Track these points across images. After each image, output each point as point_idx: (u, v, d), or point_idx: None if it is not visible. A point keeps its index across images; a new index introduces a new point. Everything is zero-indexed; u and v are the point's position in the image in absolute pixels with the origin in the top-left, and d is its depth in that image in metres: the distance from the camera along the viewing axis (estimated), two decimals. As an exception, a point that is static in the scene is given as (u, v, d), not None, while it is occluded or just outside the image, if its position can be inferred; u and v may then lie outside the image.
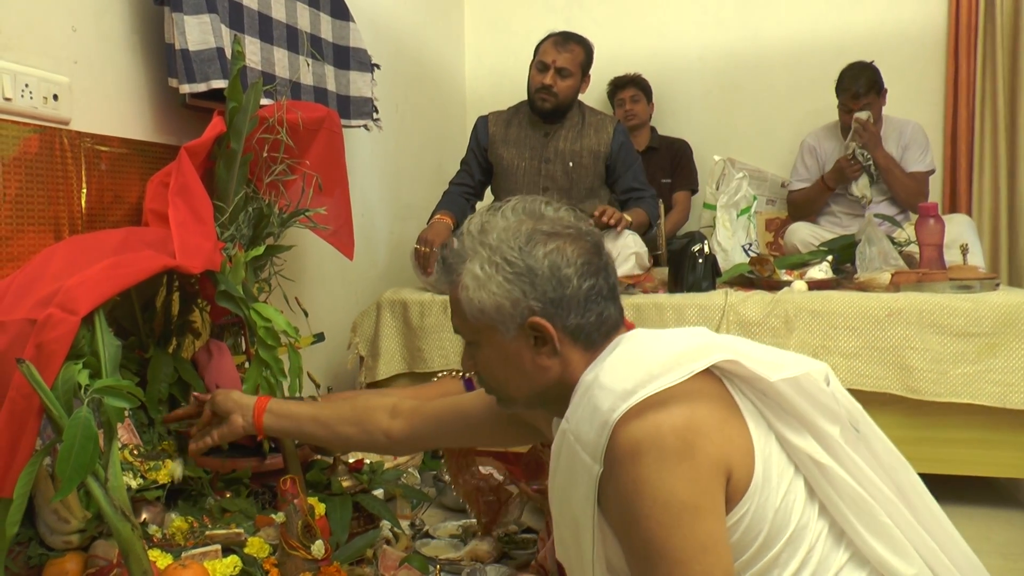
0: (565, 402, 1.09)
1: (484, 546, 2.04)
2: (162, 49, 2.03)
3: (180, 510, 1.65)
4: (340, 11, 2.63)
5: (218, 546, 1.51)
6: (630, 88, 3.93)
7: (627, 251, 2.73)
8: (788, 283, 2.77)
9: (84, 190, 1.84)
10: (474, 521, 2.14)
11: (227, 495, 1.75)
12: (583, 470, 1.00)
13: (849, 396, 1.09)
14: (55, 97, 1.75)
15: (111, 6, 1.94)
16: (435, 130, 3.98)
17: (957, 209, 3.77)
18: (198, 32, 1.97)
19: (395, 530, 2.01)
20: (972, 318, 2.39)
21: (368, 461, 2.06)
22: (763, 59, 4.08)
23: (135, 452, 1.64)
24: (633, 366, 1.01)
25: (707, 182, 3.93)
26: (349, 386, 2.96)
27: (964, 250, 2.75)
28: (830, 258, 2.95)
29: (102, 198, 1.89)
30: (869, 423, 1.10)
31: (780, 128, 4.03)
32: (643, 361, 1.01)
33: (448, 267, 1.15)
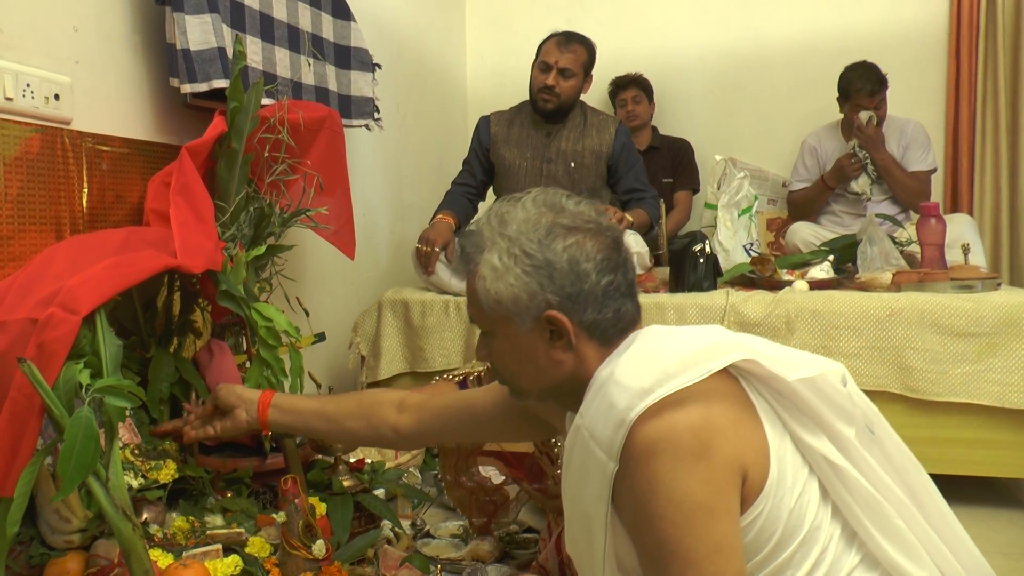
0: (578, 396, 1.08)
1: (485, 546, 2.04)
2: (163, 49, 2.03)
3: (181, 510, 1.65)
4: (341, 11, 2.63)
5: (219, 546, 1.52)
6: (632, 88, 3.93)
7: (628, 251, 2.72)
8: (789, 283, 2.77)
9: (85, 190, 1.84)
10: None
11: (228, 495, 1.75)
12: (597, 467, 1.00)
13: (865, 398, 1.09)
14: (56, 97, 1.75)
15: (112, 6, 1.94)
16: (436, 130, 3.98)
17: (959, 208, 3.77)
18: (199, 32, 1.97)
19: (396, 530, 2.01)
20: (973, 318, 2.39)
21: (369, 461, 2.06)
22: (764, 59, 4.08)
23: (136, 451, 1.64)
24: (650, 364, 1.01)
25: (708, 182, 3.94)
26: (350, 386, 2.96)
27: (966, 250, 2.75)
28: (831, 258, 2.95)
29: (103, 198, 1.89)
30: (884, 425, 1.10)
31: (781, 128, 4.03)
32: (660, 359, 1.01)
33: (466, 256, 1.14)
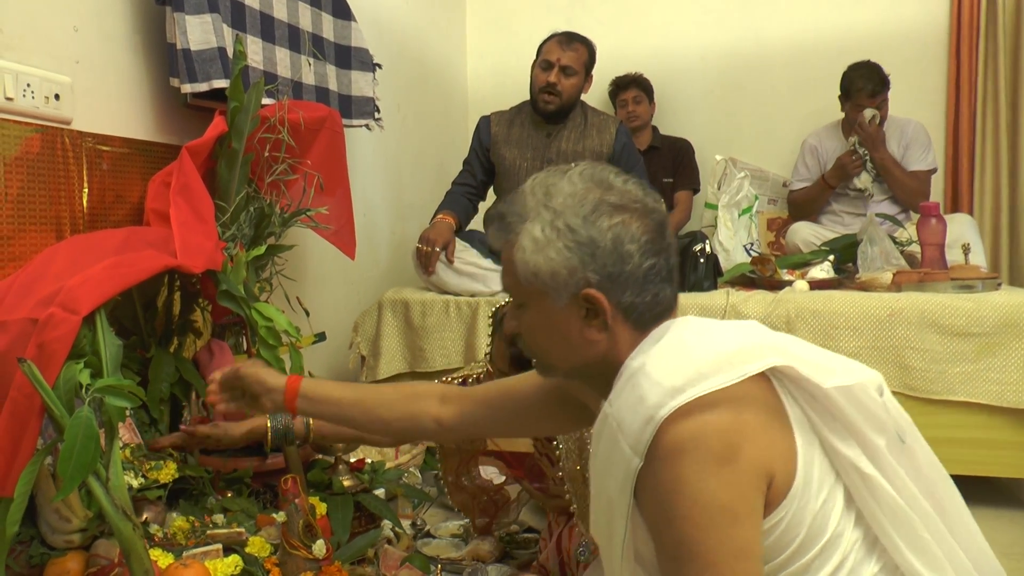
0: (606, 380, 1.07)
1: (485, 546, 2.04)
2: (164, 49, 2.03)
3: (181, 509, 1.65)
4: (342, 10, 2.63)
5: (219, 545, 1.52)
6: (632, 89, 3.93)
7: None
8: (790, 283, 2.77)
9: (86, 190, 1.84)
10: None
11: (228, 494, 1.75)
12: (622, 460, 0.98)
13: (900, 407, 1.07)
14: (57, 97, 1.75)
15: (113, 6, 1.94)
16: (437, 130, 3.98)
17: (959, 208, 3.76)
18: (200, 32, 1.97)
19: (396, 530, 2.01)
20: (974, 318, 2.39)
21: (369, 461, 2.07)
22: (765, 59, 4.08)
23: (136, 451, 1.64)
24: (683, 360, 0.99)
25: (709, 182, 3.94)
26: (350, 385, 2.95)
27: (966, 250, 2.75)
28: (832, 258, 2.95)
29: (104, 198, 1.89)
30: (916, 435, 1.08)
31: (782, 128, 4.03)
32: (694, 357, 0.99)
33: (505, 225, 1.10)
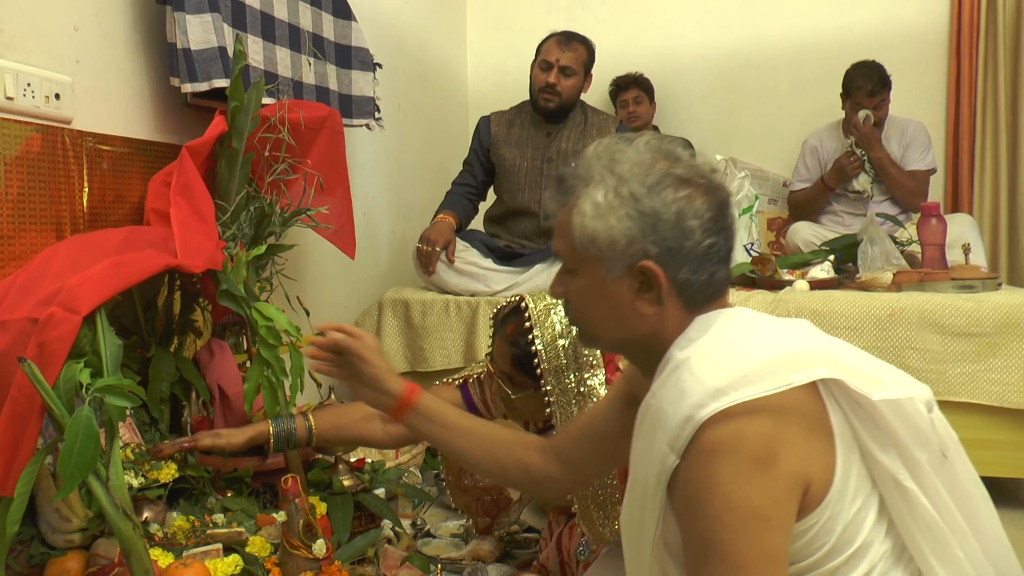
0: (649, 356, 1.06)
1: (485, 545, 2.04)
2: (164, 48, 2.03)
3: (181, 509, 1.65)
4: (342, 10, 2.62)
5: (219, 545, 1.52)
6: (633, 89, 3.93)
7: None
8: (790, 283, 2.77)
9: (86, 189, 1.84)
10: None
11: (229, 494, 1.75)
12: (659, 454, 0.97)
13: (947, 424, 1.04)
14: (57, 96, 1.75)
15: (113, 5, 1.94)
16: (437, 129, 3.98)
17: (959, 208, 3.76)
18: (200, 31, 1.97)
19: (396, 529, 2.01)
20: (974, 318, 2.39)
21: (369, 460, 2.06)
22: (765, 58, 4.08)
23: (137, 451, 1.64)
24: (729, 360, 0.97)
25: (709, 181, 3.93)
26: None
27: (966, 250, 2.75)
28: (832, 258, 2.95)
29: (104, 197, 1.89)
30: (959, 451, 1.05)
31: (782, 127, 4.03)
32: (740, 358, 0.97)
33: (565, 188, 1.08)
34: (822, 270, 2.87)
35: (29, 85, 1.68)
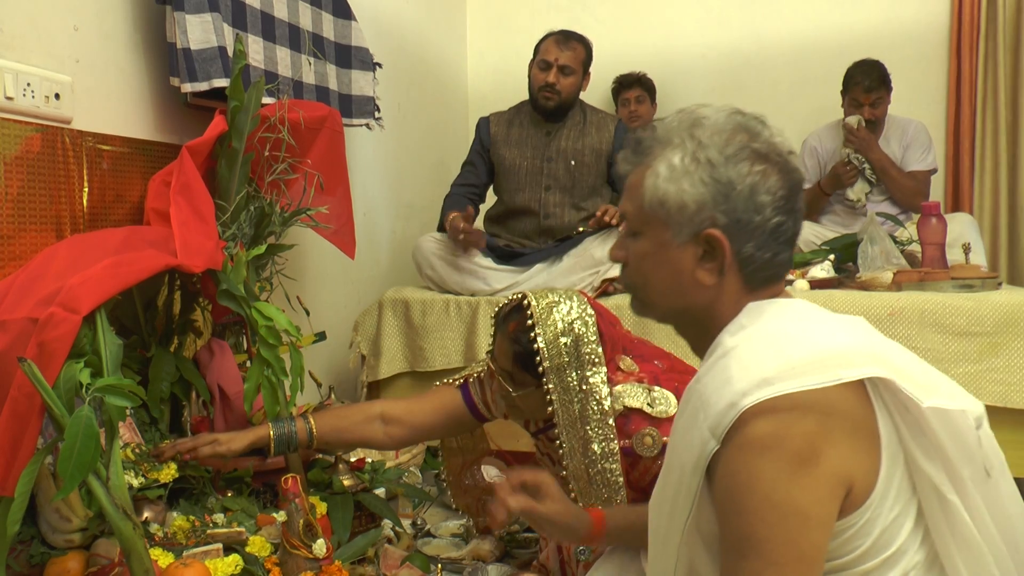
0: (698, 332, 1.06)
1: (486, 545, 2.04)
2: (164, 48, 2.03)
3: (182, 509, 1.65)
4: (342, 10, 2.62)
5: (219, 545, 1.52)
6: (636, 88, 3.93)
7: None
8: (790, 282, 2.77)
9: (86, 189, 1.84)
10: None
11: (229, 494, 1.75)
12: (699, 439, 0.96)
13: (995, 443, 1.01)
14: (57, 96, 1.75)
15: (113, 5, 1.94)
16: (437, 129, 3.98)
17: (960, 208, 3.76)
18: (200, 31, 1.97)
19: (397, 529, 2.01)
20: (974, 317, 2.39)
21: (369, 460, 2.07)
22: (766, 58, 4.08)
23: (137, 451, 1.64)
24: (778, 351, 0.96)
25: (709, 181, 3.93)
26: (351, 385, 2.96)
27: (966, 249, 2.75)
28: (832, 257, 2.95)
29: (104, 197, 1.89)
30: (1003, 470, 1.03)
31: (783, 127, 3.88)
32: (790, 349, 0.96)
33: (642, 148, 1.08)
34: (822, 270, 2.86)
35: (29, 85, 1.68)
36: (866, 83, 3.30)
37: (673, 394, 1.64)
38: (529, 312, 1.67)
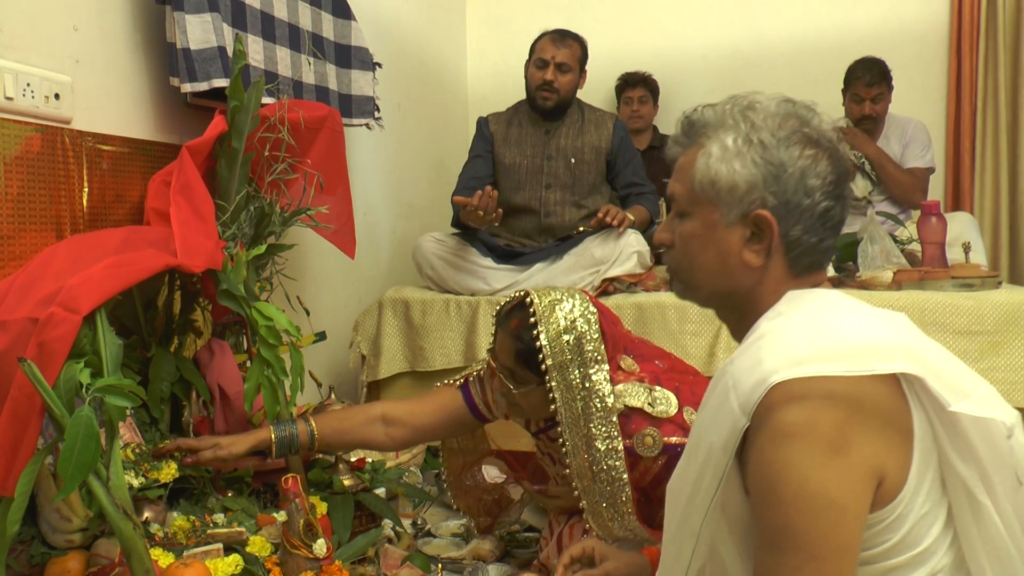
0: (738, 317, 1.07)
1: (486, 545, 2.04)
2: (164, 48, 2.03)
3: (182, 509, 1.65)
4: (342, 10, 2.62)
5: (220, 545, 1.52)
6: (640, 88, 3.92)
7: (629, 249, 2.73)
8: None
9: (86, 189, 1.84)
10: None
11: (229, 494, 1.75)
12: (730, 417, 0.96)
13: None
14: (56, 96, 1.75)
15: (113, 5, 1.94)
16: (437, 129, 3.98)
17: (960, 207, 3.77)
18: (200, 31, 1.97)
19: (397, 529, 2.01)
20: (974, 316, 2.39)
21: (370, 460, 2.07)
22: (766, 58, 4.08)
23: (137, 451, 1.64)
24: (812, 336, 0.96)
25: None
26: (351, 385, 2.96)
27: (966, 248, 2.75)
28: (832, 256, 2.94)
29: (104, 197, 1.89)
30: None
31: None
32: (825, 334, 0.96)
33: (694, 129, 1.09)
34: (822, 269, 2.86)
35: (29, 85, 1.68)
36: (867, 78, 3.31)
37: (674, 394, 1.64)
38: (532, 309, 1.67)
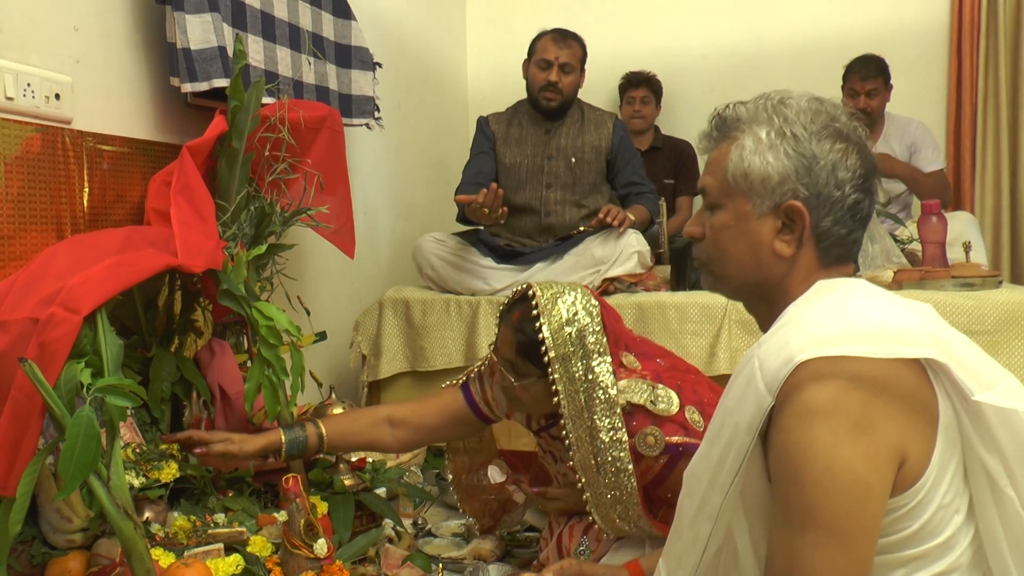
0: (768, 308, 1.09)
1: (486, 545, 2.04)
2: (164, 48, 2.03)
3: (183, 509, 1.65)
4: (342, 9, 2.62)
5: (220, 545, 1.52)
6: (643, 88, 3.92)
7: (630, 249, 2.73)
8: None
9: (86, 189, 1.84)
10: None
11: (230, 494, 1.75)
12: (755, 397, 0.96)
13: None
14: (57, 96, 1.75)
15: (113, 5, 1.94)
16: (437, 129, 3.98)
17: (961, 206, 3.77)
18: (200, 31, 1.97)
19: (397, 529, 2.01)
20: (975, 316, 2.39)
21: (370, 460, 2.07)
22: (766, 57, 4.08)
23: (137, 451, 1.64)
24: (840, 319, 0.98)
25: (710, 181, 3.92)
26: (352, 385, 2.96)
27: (967, 248, 2.75)
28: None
29: (104, 197, 1.89)
30: None
31: (783, 126, 4.01)
32: (852, 317, 0.98)
33: (726, 125, 1.12)
34: (823, 268, 2.86)
35: (29, 85, 1.68)
36: (863, 72, 3.34)
37: (675, 393, 1.63)
38: (534, 302, 1.67)
